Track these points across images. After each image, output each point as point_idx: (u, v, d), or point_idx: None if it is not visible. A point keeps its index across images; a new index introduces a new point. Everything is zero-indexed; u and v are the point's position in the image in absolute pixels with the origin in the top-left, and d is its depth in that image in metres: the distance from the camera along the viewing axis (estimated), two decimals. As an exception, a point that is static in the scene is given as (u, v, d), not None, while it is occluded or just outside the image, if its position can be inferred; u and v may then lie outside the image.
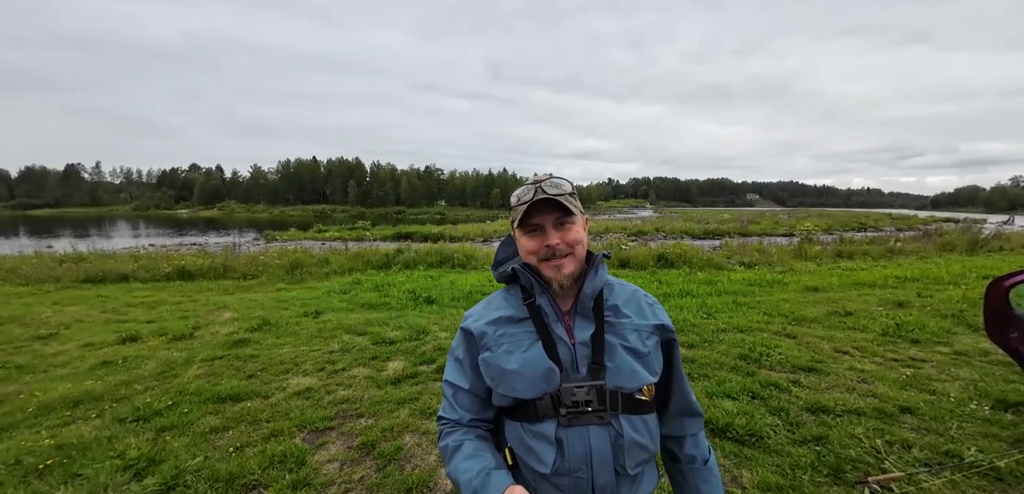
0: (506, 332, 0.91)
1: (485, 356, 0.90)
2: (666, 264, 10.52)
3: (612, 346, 0.88)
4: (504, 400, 0.89)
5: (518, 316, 0.92)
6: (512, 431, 0.89)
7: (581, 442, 0.83)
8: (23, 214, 79.93)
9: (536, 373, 0.85)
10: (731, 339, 4.43)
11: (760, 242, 13.86)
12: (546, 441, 0.84)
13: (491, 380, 0.89)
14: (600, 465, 0.83)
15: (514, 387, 0.86)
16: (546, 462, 0.84)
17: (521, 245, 0.93)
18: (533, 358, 0.86)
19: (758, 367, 3.68)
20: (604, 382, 0.85)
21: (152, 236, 30.40)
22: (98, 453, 2.47)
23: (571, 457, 0.83)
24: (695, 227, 25.27)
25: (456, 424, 0.93)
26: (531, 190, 0.89)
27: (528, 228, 0.90)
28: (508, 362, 0.87)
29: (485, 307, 0.98)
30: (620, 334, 0.90)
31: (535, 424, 0.85)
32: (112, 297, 8.11)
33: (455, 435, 0.91)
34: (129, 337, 5.14)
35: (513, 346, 0.89)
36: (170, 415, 2.93)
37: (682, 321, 5.09)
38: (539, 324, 0.89)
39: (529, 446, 0.85)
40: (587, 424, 0.84)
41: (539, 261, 0.90)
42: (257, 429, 2.75)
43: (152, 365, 4.09)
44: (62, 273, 10.29)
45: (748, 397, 3.08)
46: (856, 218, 33.79)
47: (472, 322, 0.95)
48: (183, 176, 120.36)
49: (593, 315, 0.91)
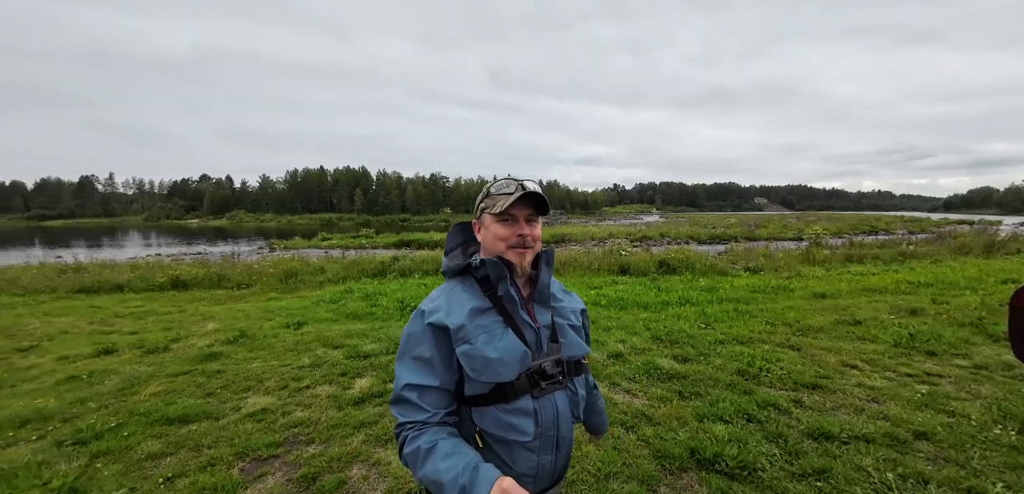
0: (479, 323, 0.96)
1: (465, 349, 0.93)
2: (668, 270, 10.18)
3: (561, 326, 1.07)
4: (484, 388, 0.94)
5: (484, 306, 0.99)
6: (486, 415, 0.95)
7: (550, 407, 0.99)
8: (38, 225, 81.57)
9: (514, 357, 0.94)
10: (729, 352, 4.12)
11: (767, 247, 13.45)
12: (524, 414, 0.95)
13: (474, 371, 0.93)
14: (565, 420, 1.02)
15: (499, 373, 0.93)
16: (528, 432, 0.95)
17: (493, 231, 1.02)
18: (510, 345, 0.95)
19: (756, 384, 3.38)
20: (561, 355, 1.03)
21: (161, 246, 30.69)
22: (22, 481, 2.27)
23: (544, 422, 0.97)
24: (701, 232, 24.81)
25: (424, 425, 0.92)
26: (512, 184, 1.01)
27: (504, 217, 1.00)
28: (489, 351, 0.93)
29: (449, 300, 0.99)
30: (564, 316, 1.09)
31: (512, 403, 0.94)
32: (103, 308, 8.01)
33: (425, 436, 0.90)
34: (105, 350, 4.98)
35: (489, 336, 0.95)
36: (110, 438, 2.72)
37: (677, 332, 4.78)
38: (504, 312, 0.99)
39: (508, 423, 0.94)
40: (553, 391, 1.00)
41: (507, 248, 1.00)
42: (197, 456, 2.53)
43: (115, 381, 3.90)
44: (59, 283, 10.26)
45: (743, 420, 2.78)
46: (866, 221, 32.91)
47: (443, 316, 0.96)
48: (194, 187, 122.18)
49: (548, 302, 1.06)
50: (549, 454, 0.99)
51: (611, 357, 4.05)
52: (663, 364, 3.78)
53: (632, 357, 4.03)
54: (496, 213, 1.01)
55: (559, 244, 19.82)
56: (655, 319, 5.46)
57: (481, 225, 1.06)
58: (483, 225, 1.05)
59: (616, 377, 3.57)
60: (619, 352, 4.13)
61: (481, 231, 1.07)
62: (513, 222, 1.01)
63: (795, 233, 22.01)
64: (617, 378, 3.55)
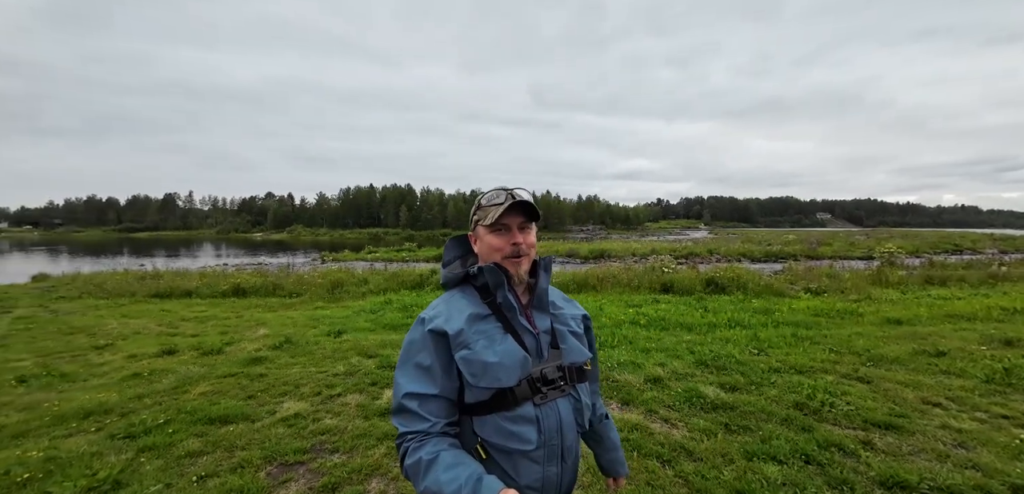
0: (478, 328, 0.96)
1: (464, 354, 0.93)
2: (716, 289, 9.55)
3: (562, 332, 1.06)
4: (484, 394, 0.93)
5: (483, 313, 0.99)
6: (487, 424, 0.94)
7: (553, 414, 0.97)
8: (128, 236, 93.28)
9: (514, 362, 0.94)
10: (786, 382, 3.71)
11: (831, 266, 12.28)
12: (527, 422, 0.93)
13: (473, 376, 0.92)
14: (568, 428, 0.99)
15: (498, 378, 0.92)
16: (531, 440, 0.93)
17: (487, 242, 1.02)
18: (509, 349, 0.95)
19: (818, 420, 2.99)
20: (562, 360, 1.02)
21: (229, 256, 33.54)
22: (75, 470, 2.44)
23: (547, 429, 0.95)
24: (755, 249, 23.20)
25: (425, 435, 0.91)
26: (502, 194, 1.01)
27: (496, 227, 1.01)
28: (488, 355, 0.93)
29: (449, 307, 1.00)
30: (564, 322, 1.08)
31: (513, 410, 0.93)
32: (172, 311, 8.76)
33: (427, 447, 0.89)
34: (168, 350, 5.40)
35: (488, 341, 0.95)
36: (157, 434, 2.89)
37: (725, 357, 4.40)
38: (503, 318, 0.99)
39: (510, 432, 0.93)
40: (556, 398, 0.98)
41: (503, 258, 1.01)
42: (230, 457, 2.61)
43: (170, 380, 4.18)
44: (138, 288, 11.40)
45: (800, 461, 2.45)
46: (949, 239, 29.10)
47: (442, 322, 0.96)
48: (259, 203, 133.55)
49: (547, 308, 1.06)
50: (554, 465, 0.97)
51: (649, 382, 3.78)
52: (707, 392, 3.47)
53: (672, 383, 3.74)
54: (488, 224, 1.01)
55: (598, 261, 19.32)
56: (700, 342, 5.08)
57: (476, 237, 1.08)
58: (478, 237, 1.07)
59: (654, 404, 3.31)
60: (658, 377, 3.85)
61: (477, 243, 1.08)
62: (506, 232, 1.02)
63: (864, 251, 19.97)
64: (655, 405, 3.29)
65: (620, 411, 3.23)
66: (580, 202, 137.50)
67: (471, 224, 1.09)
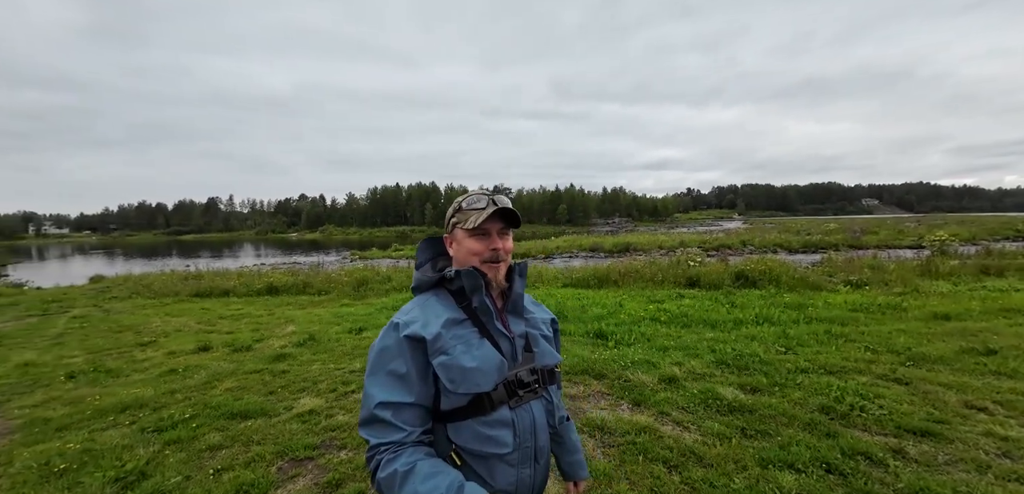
0: (455, 333, 0.95)
1: (442, 360, 0.92)
2: (746, 283, 9.15)
3: (534, 336, 1.07)
4: (462, 400, 0.92)
5: (459, 318, 0.98)
6: (463, 430, 0.93)
7: (528, 416, 0.98)
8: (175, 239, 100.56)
9: (492, 366, 0.94)
10: (813, 383, 3.49)
11: (875, 256, 11.49)
12: (503, 425, 0.94)
13: (451, 382, 0.91)
14: (541, 429, 1.01)
15: (477, 383, 0.92)
16: (507, 443, 0.94)
17: (466, 246, 1.02)
18: (487, 354, 0.95)
19: (845, 425, 2.80)
20: (536, 363, 1.03)
21: (266, 256, 35.19)
22: (106, 462, 2.62)
23: (522, 432, 0.96)
24: (792, 239, 22.05)
25: (399, 446, 0.89)
26: (483, 199, 1.02)
27: (476, 232, 1.01)
28: (467, 361, 0.92)
29: (424, 312, 0.98)
30: (535, 326, 1.09)
31: (490, 414, 0.93)
32: (211, 310, 9.27)
33: (402, 458, 0.86)
34: (203, 347, 5.72)
35: (466, 346, 0.94)
36: (182, 428, 3.06)
37: (748, 356, 4.20)
38: (479, 323, 0.98)
39: (487, 436, 0.93)
40: (530, 401, 1.00)
41: (481, 262, 1.01)
42: (245, 452, 2.72)
43: (202, 376, 4.42)
44: (182, 288, 12.14)
45: (821, 470, 2.30)
46: (1010, 224, 26.43)
47: (419, 327, 0.94)
48: (293, 205, 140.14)
49: (522, 313, 1.07)
50: (528, 467, 0.98)
51: (664, 382, 3.65)
52: (725, 394, 3.31)
53: (689, 383, 3.60)
54: (469, 228, 1.01)
55: (622, 255, 18.93)
56: (722, 340, 4.87)
57: (453, 240, 1.06)
58: (455, 240, 1.05)
59: (666, 405, 3.19)
60: (673, 376, 3.71)
61: (453, 245, 1.07)
62: (486, 236, 1.02)
63: (913, 239, 18.58)
64: (667, 406, 3.18)
65: (630, 412, 3.14)
66: (606, 194, 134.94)
67: (448, 226, 1.07)
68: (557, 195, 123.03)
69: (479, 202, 1.02)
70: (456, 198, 1.08)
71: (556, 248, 22.47)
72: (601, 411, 3.15)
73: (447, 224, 1.08)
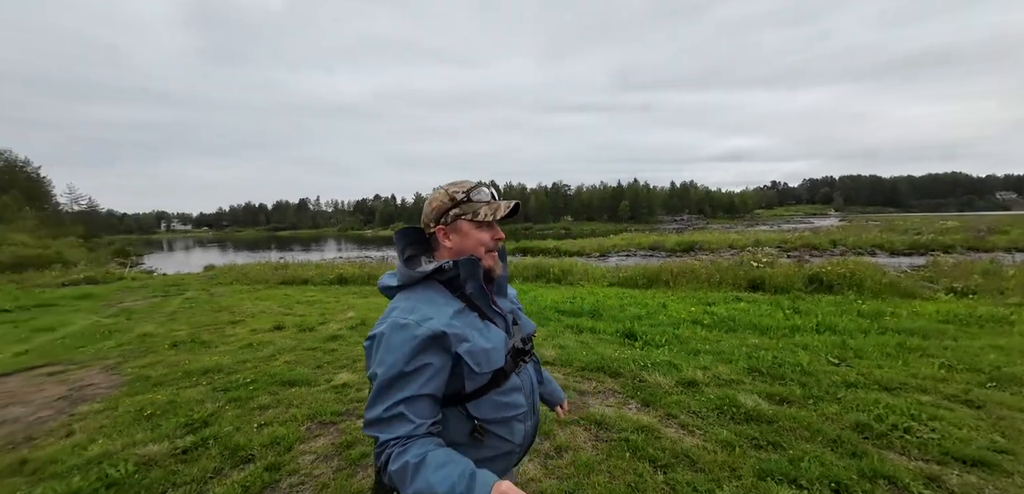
0: (465, 321, 1.02)
1: (466, 347, 0.98)
2: (820, 288, 8.23)
3: (516, 310, 1.21)
4: (484, 378, 1.01)
5: (460, 307, 1.04)
6: (484, 404, 1.02)
7: (528, 378, 1.14)
8: (273, 235, 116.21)
9: (501, 343, 1.06)
10: (858, 398, 3.13)
11: (992, 260, 9.60)
12: (516, 390, 1.07)
13: (477, 365, 0.99)
14: (535, 386, 1.18)
15: (495, 360, 1.02)
16: (521, 404, 1.08)
17: (475, 237, 1.08)
18: (494, 334, 1.05)
19: (879, 446, 2.50)
20: (522, 333, 1.18)
21: (344, 251, 38.79)
22: (181, 411, 3.24)
23: (527, 391, 1.11)
24: (895, 239, 19.13)
25: (408, 439, 0.90)
26: (487, 191, 1.11)
27: (485, 224, 1.09)
28: (485, 342, 1.02)
29: (430, 307, 1.01)
30: (515, 302, 1.24)
31: (504, 384, 1.04)
32: (291, 296, 10.54)
33: (412, 450, 0.88)
34: (277, 326, 6.58)
35: (478, 331, 1.03)
36: (242, 390, 3.64)
37: (790, 364, 3.85)
38: (476, 308, 1.06)
39: (505, 403, 1.04)
40: (526, 364, 1.15)
41: (486, 252, 1.09)
42: (285, 412, 3.18)
43: (269, 350, 5.13)
44: (271, 277, 13.91)
45: (828, 489, 2.10)
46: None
47: (436, 323, 0.97)
48: (369, 204, 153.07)
49: (506, 292, 1.18)
50: (532, 418, 1.14)
51: (681, 385, 3.50)
52: (746, 402, 3.10)
53: (709, 388, 3.42)
54: (481, 221, 1.08)
55: (684, 254, 17.84)
56: (766, 347, 4.49)
57: (453, 231, 1.08)
58: (459, 232, 1.08)
59: (677, 408, 3.08)
60: (694, 380, 3.54)
61: (450, 237, 1.08)
62: (491, 227, 1.11)
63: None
64: (677, 409, 3.06)
65: (637, 412, 3.08)
66: (673, 189, 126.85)
67: (447, 218, 1.07)
68: (619, 191, 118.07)
69: (484, 195, 1.09)
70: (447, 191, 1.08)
71: (612, 246, 21.81)
72: (606, 408, 3.13)
73: (442, 216, 1.08)
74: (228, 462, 2.53)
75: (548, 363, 4.10)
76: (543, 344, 4.70)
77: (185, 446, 2.68)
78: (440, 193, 1.09)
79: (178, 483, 2.31)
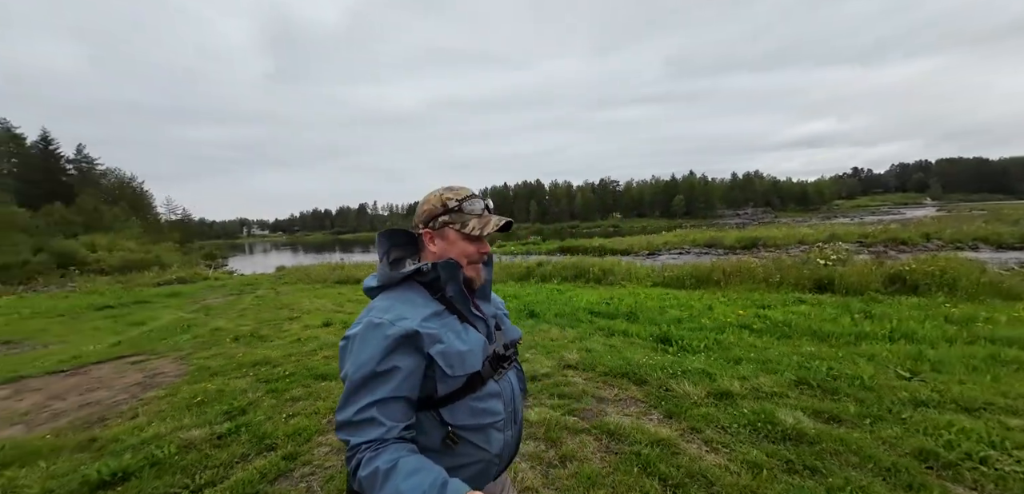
0: (442, 322, 1.01)
1: (439, 348, 0.97)
2: (902, 289, 7.24)
3: (500, 316, 1.19)
4: (458, 382, 0.99)
5: (438, 309, 1.03)
6: (459, 409, 1.00)
7: (508, 385, 1.10)
8: (337, 238, 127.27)
9: (478, 347, 1.03)
10: (927, 420, 2.68)
11: None
12: (494, 397, 1.04)
13: (450, 368, 0.97)
14: (517, 395, 1.15)
15: (471, 364, 1.00)
16: (499, 412, 1.05)
17: (460, 247, 1.07)
18: (472, 337, 1.04)
19: (944, 478, 2.12)
20: (505, 338, 1.16)
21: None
22: (226, 398, 3.57)
23: (506, 399, 1.08)
24: (1003, 231, 16.26)
25: (380, 442, 0.89)
26: (479, 203, 1.09)
27: (474, 238, 1.08)
28: (460, 345, 1.00)
29: (405, 307, 0.99)
30: (499, 307, 1.22)
31: (480, 390, 1.02)
32: (344, 294, 11.25)
33: (383, 455, 0.86)
34: (326, 323, 7.04)
35: (454, 333, 1.02)
36: (281, 382, 3.93)
37: (848, 377, 3.40)
38: (456, 311, 1.05)
39: (482, 409, 1.02)
40: (507, 371, 1.12)
41: (469, 263, 1.08)
42: (313, 405, 3.39)
43: (313, 345, 5.49)
44: (329, 276, 14.96)
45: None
46: None
47: (408, 323, 0.96)
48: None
49: (490, 297, 1.18)
50: (511, 428, 1.10)
51: (713, 396, 3.22)
52: (786, 419, 2.77)
53: (744, 401, 3.11)
54: (469, 233, 1.06)
55: (745, 251, 16.52)
56: (822, 356, 4.01)
57: (440, 237, 1.07)
58: (445, 239, 1.07)
59: (703, 422, 2.83)
60: (728, 392, 3.24)
61: (436, 241, 1.08)
62: (479, 240, 1.09)
63: None
64: (704, 423, 2.82)
65: (657, 423, 2.88)
66: (735, 181, 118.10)
67: (435, 223, 1.07)
68: (673, 185, 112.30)
69: (476, 206, 1.07)
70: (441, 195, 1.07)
71: (663, 244, 20.69)
72: (623, 417, 2.96)
73: (431, 220, 1.07)
74: (254, 449, 2.73)
75: (569, 366, 3.98)
76: (568, 347, 4.57)
77: (222, 432, 2.94)
78: (434, 196, 1.08)
79: (209, 466, 2.54)
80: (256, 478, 2.38)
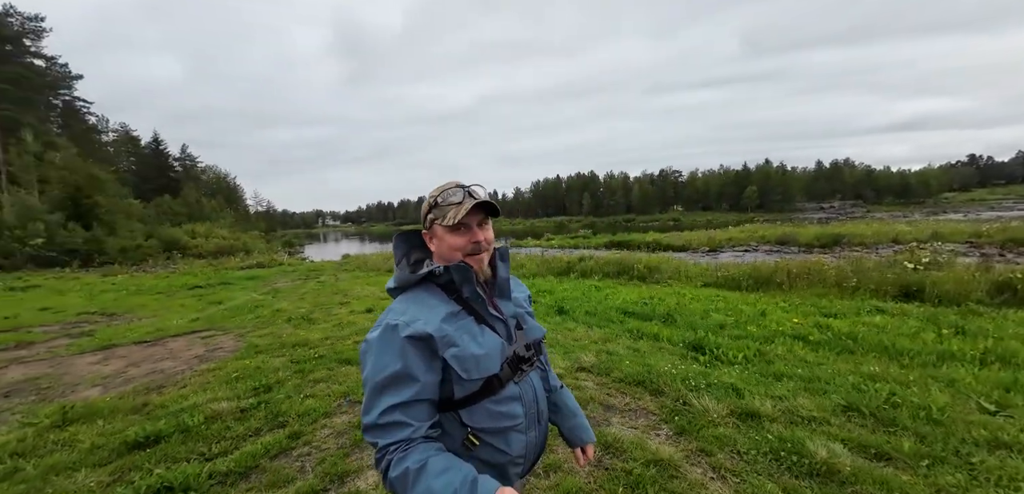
0: (458, 325, 1.00)
1: (453, 351, 0.96)
2: (1011, 299, 6.06)
3: (521, 314, 1.15)
4: (475, 385, 0.99)
5: (455, 310, 1.02)
6: (477, 412, 0.99)
7: (530, 387, 1.08)
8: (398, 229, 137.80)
9: (496, 350, 1.01)
10: (1000, 468, 2.18)
11: None
12: (513, 400, 1.03)
13: (465, 371, 0.97)
14: (540, 396, 1.12)
15: (487, 367, 0.99)
16: (518, 415, 1.03)
17: (447, 242, 1.04)
18: (489, 340, 1.02)
19: (1017, 545, 1.69)
20: (527, 338, 1.12)
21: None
22: (258, 375, 3.92)
23: (527, 401, 1.06)
24: None
25: (408, 442, 0.91)
26: (459, 193, 1.05)
27: (457, 227, 1.03)
28: (475, 348, 0.99)
29: (420, 309, 1.00)
30: (521, 305, 1.17)
31: (500, 392, 1.01)
32: (393, 282, 11.86)
33: (412, 455, 0.89)
34: (369, 309, 7.46)
35: (470, 335, 1.00)
36: (308, 364, 4.22)
37: (913, 406, 2.86)
38: (474, 312, 1.04)
39: (500, 412, 1.01)
40: (529, 372, 1.09)
41: (464, 256, 1.04)
42: (330, 388, 3.60)
43: (350, 331, 5.83)
44: (381, 265, 15.83)
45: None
46: None
47: (422, 325, 0.96)
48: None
49: (509, 295, 1.13)
50: (534, 430, 1.08)
51: (735, 415, 2.88)
52: (818, 451, 2.39)
53: (773, 424, 2.74)
54: (449, 224, 1.03)
55: (824, 250, 14.71)
56: (886, 378, 3.43)
57: (433, 236, 1.08)
58: (436, 236, 1.07)
59: (715, 444, 2.55)
60: (755, 412, 2.88)
61: (433, 241, 1.09)
62: (467, 230, 1.04)
63: None
64: (715, 445, 2.53)
65: (663, 441, 2.64)
66: (820, 170, 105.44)
67: (426, 223, 1.09)
68: (744, 175, 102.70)
69: (455, 196, 1.04)
70: (431, 194, 1.08)
71: (727, 240, 18.98)
72: (627, 430, 2.76)
73: (424, 220, 1.09)
74: (268, 425, 2.97)
75: (583, 369, 3.81)
76: (588, 348, 4.38)
77: (245, 406, 3.23)
78: (429, 196, 1.08)
79: (227, 437, 2.80)
80: (260, 452, 2.58)
